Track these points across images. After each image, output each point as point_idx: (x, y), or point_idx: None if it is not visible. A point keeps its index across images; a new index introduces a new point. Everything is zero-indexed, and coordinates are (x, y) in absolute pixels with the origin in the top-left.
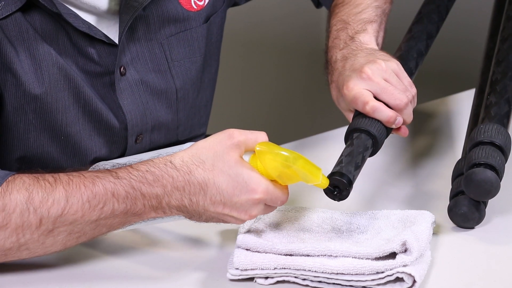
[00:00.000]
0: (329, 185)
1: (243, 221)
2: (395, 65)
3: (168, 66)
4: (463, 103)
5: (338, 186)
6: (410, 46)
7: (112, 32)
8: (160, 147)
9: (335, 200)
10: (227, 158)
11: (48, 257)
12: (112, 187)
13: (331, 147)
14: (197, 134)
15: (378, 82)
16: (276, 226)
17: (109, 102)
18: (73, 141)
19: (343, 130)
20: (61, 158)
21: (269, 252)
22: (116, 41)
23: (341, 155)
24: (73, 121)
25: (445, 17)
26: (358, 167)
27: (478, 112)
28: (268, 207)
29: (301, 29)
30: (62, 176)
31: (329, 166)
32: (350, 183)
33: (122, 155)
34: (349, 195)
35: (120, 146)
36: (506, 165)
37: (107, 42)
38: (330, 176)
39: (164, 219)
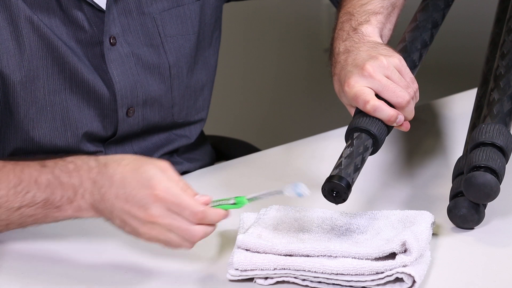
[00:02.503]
0: (327, 188)
1: (143, 224)
2: (397, 60)
3: (161, 41)
4: (464, 103)
5: (337, 190)
6: (415, 36)
7: (102, 1)
8: (155, 125)
9: (334, 203)
10: (149, 163)
11: (47, 257)
12: (37, 175)
13: (331, 147)
14: (194, 119)
15: (380, 80)
16: (276, 226)
17: (100, 72)
18: (60, 112)
19: (343, 130)
20: (53, 134)
21: (268, 253)
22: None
23: (341, 156)
24: (56, 89)
25: (451, 3)
26: (358, 169)
27: (481, 103)
28: (175, 216)
29: (302, 27)
30: None
31: (329, 166)
32: (348, 187)
33: (115, 130)
34: (348, 197)
35: (112, 120)
36: (506, 165)
37: (96, 7)
38: (328, 180)
39: None
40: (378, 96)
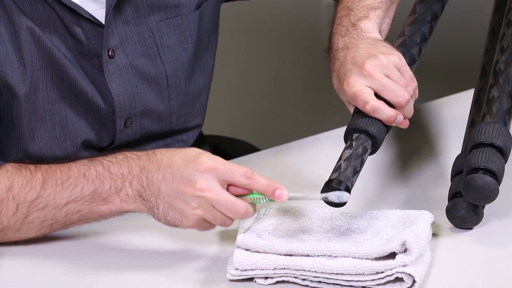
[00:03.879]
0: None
1: (189, 203)
2: (396, 59)
3: (158, 51)
4: (463, 103)
5: None
6: (414, 30)
7: (99, 15)
8: (153, 134)
9: (333, 206)
10: (194, 148)
11: (47, 257)
12: (85, 169)
13: (330, 147)
14: (192, 125)
15: (379, 79)
16: (276, 226)
17: (98, 84)
18: (59, 121)
19: (342, 130)
20: (53, 143)
21: (268, 252)
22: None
23: (340, 159)
24: (55, 99)
25: None
26: (357, 172)
27: (480, 97)
28: (222, 189)
29: (302, 27)
30: (43, 165)
31: (328, 166)
32: (347, 191)
33: (113, 139)
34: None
35: (109, 130)
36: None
37: (94, 22)
38: (328, 184)
39: None
40: (377, 95)
